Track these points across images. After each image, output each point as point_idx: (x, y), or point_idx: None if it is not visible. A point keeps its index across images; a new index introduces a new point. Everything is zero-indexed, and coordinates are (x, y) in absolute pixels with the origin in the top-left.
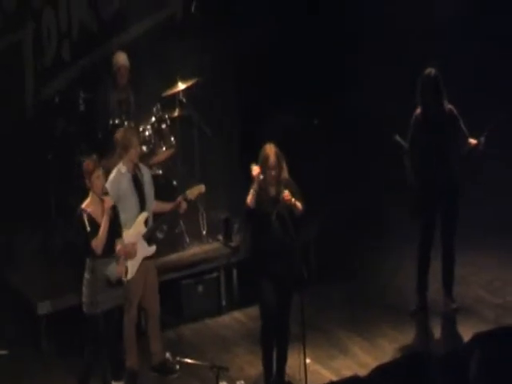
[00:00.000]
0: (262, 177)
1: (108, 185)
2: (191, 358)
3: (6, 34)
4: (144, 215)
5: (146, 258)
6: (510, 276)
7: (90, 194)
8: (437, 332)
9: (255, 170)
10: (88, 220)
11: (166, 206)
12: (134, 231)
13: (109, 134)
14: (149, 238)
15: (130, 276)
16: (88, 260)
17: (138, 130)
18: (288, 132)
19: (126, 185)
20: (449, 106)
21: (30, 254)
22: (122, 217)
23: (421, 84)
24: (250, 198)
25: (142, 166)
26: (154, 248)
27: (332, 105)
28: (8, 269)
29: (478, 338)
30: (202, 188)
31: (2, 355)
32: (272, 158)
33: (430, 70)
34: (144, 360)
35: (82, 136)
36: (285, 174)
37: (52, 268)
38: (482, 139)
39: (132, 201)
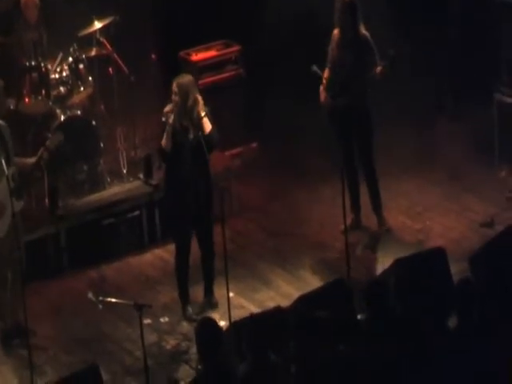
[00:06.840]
0: (171, 116)
1: None
2: (114, 298)
3: None
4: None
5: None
6: (429, 201)
7: None
8: (359, 260)
9: (169, 116)
10: None
11: (28, 161)
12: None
13: (25, 76)
14: (17, 194)
15: (1, 234)
16: None
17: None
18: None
19: None
20: (364, 32)
21: None
22: None
23: (338, 7)
24: (165, 141)
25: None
26: (21, 203)
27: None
28: None
29: (397, 264)
30: (60, 136)
31: None
32: (181, 85)
33: None
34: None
35: None
36: (199, 108)
37: None
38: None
39: None
